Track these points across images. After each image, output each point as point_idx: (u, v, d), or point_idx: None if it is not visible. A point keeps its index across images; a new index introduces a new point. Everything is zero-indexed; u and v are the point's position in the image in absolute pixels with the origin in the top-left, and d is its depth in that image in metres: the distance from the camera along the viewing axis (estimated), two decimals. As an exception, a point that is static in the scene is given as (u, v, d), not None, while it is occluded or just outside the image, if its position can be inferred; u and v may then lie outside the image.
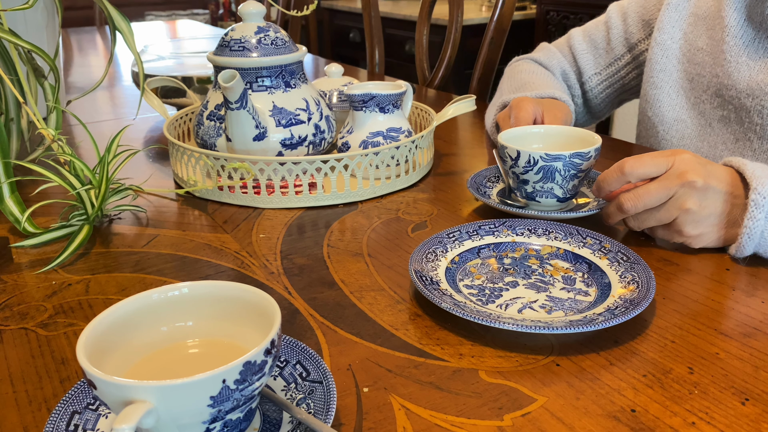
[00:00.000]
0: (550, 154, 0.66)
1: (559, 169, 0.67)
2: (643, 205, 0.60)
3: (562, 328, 0.47)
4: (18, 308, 0.56)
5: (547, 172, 0.67)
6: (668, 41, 0.90)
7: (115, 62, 1.75)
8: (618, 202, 0.62)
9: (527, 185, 0.69)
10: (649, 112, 0.92)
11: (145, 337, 0.40)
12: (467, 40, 2.65)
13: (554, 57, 1.07)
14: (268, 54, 0.79)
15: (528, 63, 1.08)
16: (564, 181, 0.68)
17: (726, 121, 0.83)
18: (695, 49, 0.87)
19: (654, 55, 0.91)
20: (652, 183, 0.60)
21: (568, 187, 0.68)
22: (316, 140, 0.81)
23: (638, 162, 0.61)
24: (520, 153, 0.67)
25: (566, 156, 0.66)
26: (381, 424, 0.41)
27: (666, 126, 0.90)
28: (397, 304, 0.55)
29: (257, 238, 0.68)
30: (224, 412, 0.35)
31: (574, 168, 0.67)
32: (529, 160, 0.67)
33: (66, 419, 0.39)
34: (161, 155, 0.96)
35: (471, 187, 0.73)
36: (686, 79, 0.88)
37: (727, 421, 0.41)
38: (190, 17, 4.25)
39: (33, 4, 0.69)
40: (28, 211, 0.67)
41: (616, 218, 0.64)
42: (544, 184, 0.68)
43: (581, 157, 0.67)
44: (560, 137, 0.75)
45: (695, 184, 0.58)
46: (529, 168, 0.67)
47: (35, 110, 0.70)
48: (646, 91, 0.93)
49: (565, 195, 0.69)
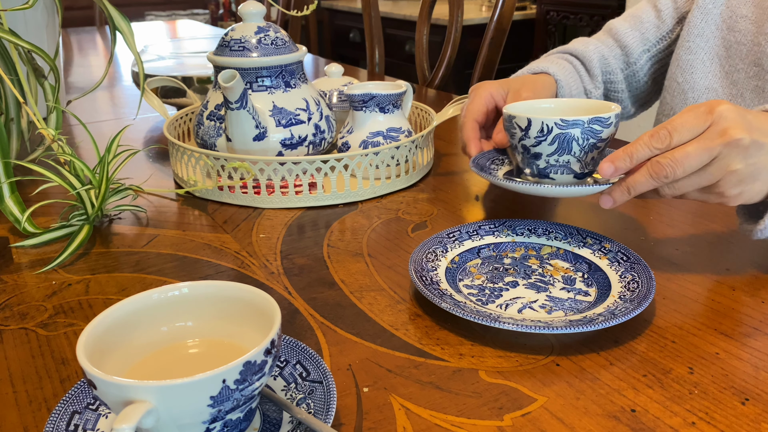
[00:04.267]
0: (567, 120, 0.59)
1: (576, 138, 0.59)
2: (683, 171, 0.52)
3: (562, 328, 0.47)
4: (18, 308, 0.56)
5: (563, 141, 0.59)
6: (710, 5, 0.87)
7: (115, 62, 1.75)
8: (652, 170, 0.53)
9: (539, 159, 0.61)
10: (680, 78, 0.89)
11: (145, 337, 0.40)
12: (467, 40, 2.65)
13: (590, 44, 0.98)
14: (268, 54, 0.79)
15: (556, 56, 0.97)
16: (582, 152, 0.60)
17: (759, 92, 0.81)
18: (738, 17, 0.84)
19: (693, 19, 0.88)
20: (691, 144, 0.52)
21: (586, 160, 0.61)
22: (316, 140, 0.81)
23: (682, 121, 0.53)
24: (531, 121, 0.60)
25: (585, 121, 0.58)
26: (381, 424, 0.41)
27: (697, 93, 0.87)
28: (397, 304, 0.55)
29: (257, 238, 0.68)
30: (224, 412, 0.35)
31: (594, 136, 0.59)
32: (542, 128, 0.59)
33: (66, 419, 0.39)
34: (161, 155, 0.96)
35: (475, 167, 0.66)
36: (723, 46, 0.86)
37: (727, 421, 0.41)
38: (190, 17, 4.25)
39: (33, 4, 0.69)
40: (28, 211, 0.67)
41: (641, 189, 0.55)
42: (560, 157, 0.60)
43: (601, 123, 0.59)
44: (573, 109, 0.67)
45: (741, 141, 0.51)
46: (542, 138, 0.60)
47: (35, 110, 0.70)
48: (680, 55, 0.89)
49: (583, 170, 0.61)
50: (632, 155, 0.54)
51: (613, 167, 0.55)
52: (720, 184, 0.54)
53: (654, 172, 0.53)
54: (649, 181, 0.54)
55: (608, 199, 0.57)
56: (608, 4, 2.70)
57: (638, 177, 0.54)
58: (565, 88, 0.84)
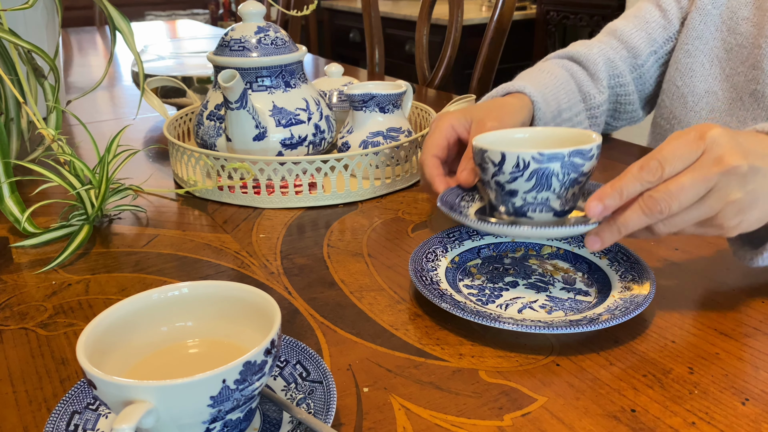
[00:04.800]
0: (545, 153, 0.52)
1: (556, 173, 0.53)
2: (679, 205, 0.48)
3: (562, 328, 0.47)
4: (18, 308, 0.56)
5: (541, 177, 0.53)
6: (709, 6, 0.85)
7: (115, 62, 1.75)
8: (645, 206, 0.48)
9: (515, 197, 0.55)
10: (679, 81, 0.88)
11: (145, 337, 0.40)
12: (467, 40, 2.65)
13: (593, 46, 0.92)
14: (268, 54, 0.79)
15: (551, 62, 0.92)
16: (562, 188, 0.53)
17: (758, 96, 0.80)
18: (739, 18, 0.83)
19: (692, 21, 0.86)
20: (685, 175, 0.47)
21: (567, 197, 0.54)
22: (316, 140, 0.81)
23: (672, 149, 0.48)
24: (506, 155, 0.53)
25: (565, 154, 0.52)
26: (381, 424, 0.41)
27: (696, 97, 0.86)
28: (397, 304, 0.55)
29: (257, 238, 0.68)
30: (224, 412, 0.35)
31: (575, 170, 0.53)
32: (517, 163, 0.53)
33: (66, 419, 0.39)
34: (161, 155, 0.96)
35: (443, 206, 0.58)
36: (723, 48, 0.85)
37: (727, 421, 0.41)
38: (190, 17, 4.25)
39: (33, 4, 0.69)
40: (28, 211, 0.67)
41: (633, 227, 0.49)
42: (538, 194, 0.54)
43: (583, 156, 0.53)
44: (549, 140, 0.61)
45: (739, 169, 0.47)
46: (518, 174, 0.53)
47: (35, 110, 0.70)
48: (679, 59, 0.88)
49: (563, 207, 0.55)
50: (622, 191, 0.49)
51: (602, 206, 0.49)
52: (719, 216, 0.49)
53: (647, 208, 0.48)
54: (642, 219, 0.49)
55: (595, 240, 0.51)
56: (608, 4, 2.70)
57: (630, 214, 0.49)
58: (543, 110, 0.77)
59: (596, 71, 0.90)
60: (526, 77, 0.83)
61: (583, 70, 0.90)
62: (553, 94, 0.80)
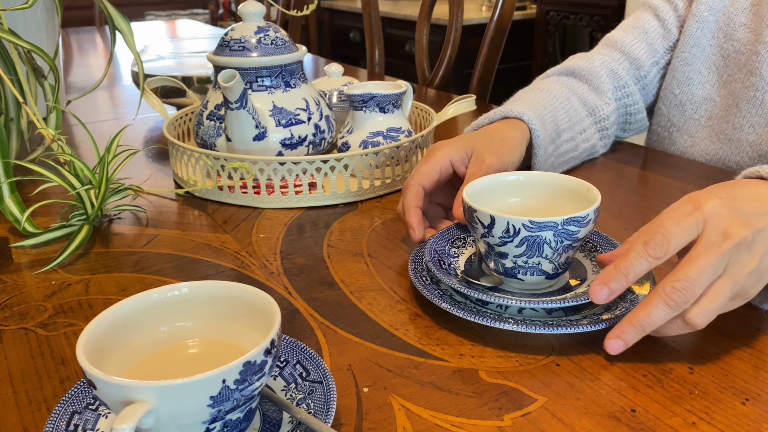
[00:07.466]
0: (536, 221, 0.49)
1: (548, 240, 0.50)
2: (701, 288, 0.44)
3: (562, 328, 0.47)
4: (18, 308, 0.56)
5: (532, 244, 0.50)
6: (705, 13, 0.85)
7: (115, 62, 1.75)
8: (669, 299, 0.44)
9: (505, 259, 0.52)
10: (677, 89, 0.87)
11: (145, 337, 0.40)
12: (467, 40, 2.65)
13: (594, 59, 0.91)
14: (268, 54, 0.79)
15: (549, 80, 0.88)
16: (555, 254, 0.51)
17: (756, 102, 0.80)
18: (736, 25, 0.83)
19: (689, 29, 0.86)
20: (699, 257, 0.44)
21: (559, 261, 0.52)
22: (316, 140, 0.81)
23: (673, 221, 0.45)
24: (495, 219, 0.50)
25: (558, 223, 0.49)
26: (381, 424, 0.41)
27: (695, 105, 0.86)
28: (397, 304, 0.55)
29: (257, 238, 0.68)
30: (224, 412, 0.35)
31: (569, 237, 0.50)
32: (507, 228, 0.50)
33: (66, 419, 0.39)
34: (161, 155, 0.96)
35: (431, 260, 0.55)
36: (720, 55, 0.84)
37: (727, 421, 0.41)
38: (190, 17, 4.25)
39: (33, 4, 0.69)
40: (28, 211, 0.67)
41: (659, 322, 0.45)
42: (529, 259, 0.51)
43: (578, 223, 0.50)
44: (544, 187, 0.58)
45: (746, 240, 0.45)
46: (508, 239, 0.50)
47: (35, 110, 0.70)
48: (676, 67, 0.88)
49: (555, 270, 0.52)
50: (628, 272, 0.46)
51: (608, 290, 0.46)
52: (741, 288, 0.46)
53: (672, 301, 0.44)
54: (668, 312, 0.45)
55: (618, 343, 0.46)
56: (608, 4, 2.71)
57: (653, 311, 0.45)
58: (541, 136, 0.74)
59: (599, 84, 0.88)
60: (523, 98, 0.81)
61: (585, 84, 0.88)
62: (551, 114, 0.78)
